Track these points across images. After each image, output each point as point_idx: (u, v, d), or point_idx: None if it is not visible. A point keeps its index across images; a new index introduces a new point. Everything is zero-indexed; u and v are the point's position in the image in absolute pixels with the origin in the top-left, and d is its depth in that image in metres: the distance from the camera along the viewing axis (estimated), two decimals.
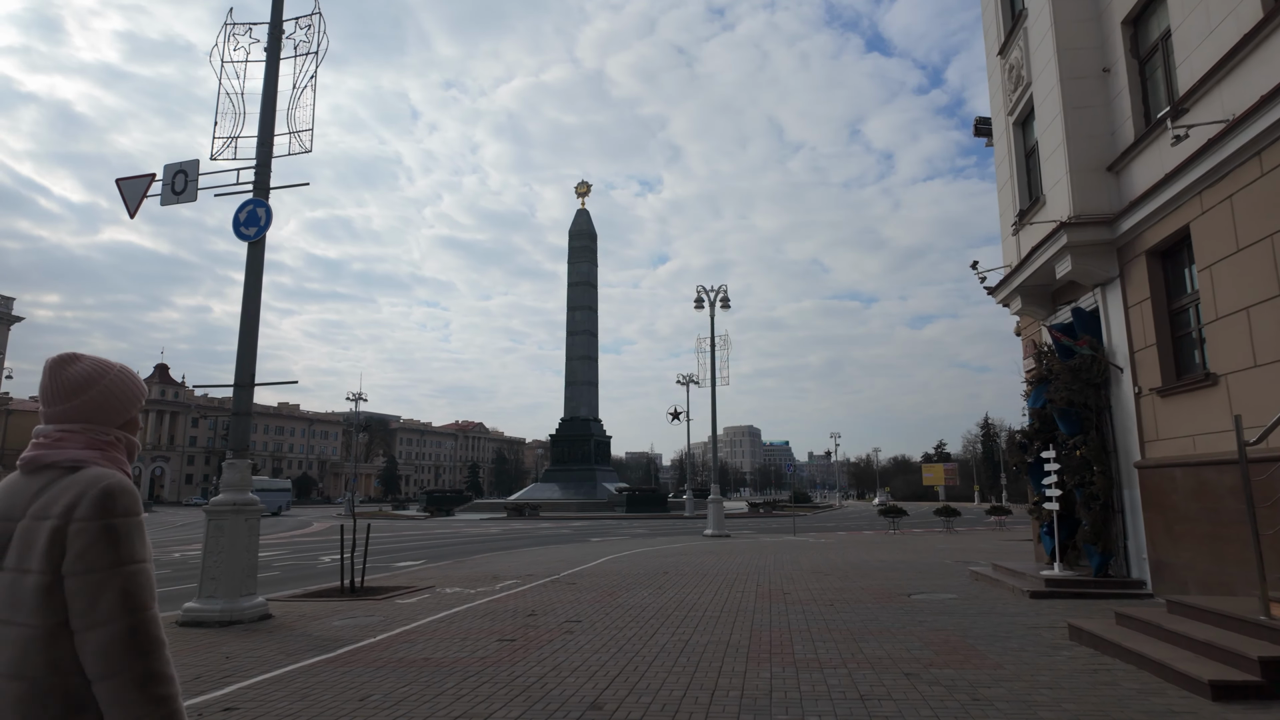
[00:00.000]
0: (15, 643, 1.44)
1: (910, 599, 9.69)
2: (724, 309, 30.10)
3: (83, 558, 1.44)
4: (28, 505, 1.52)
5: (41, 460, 1.56)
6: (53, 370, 1.62)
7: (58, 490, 1.51)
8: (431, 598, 10.88)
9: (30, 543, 1.47)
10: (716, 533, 26.92)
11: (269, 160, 10.02)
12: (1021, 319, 13.65)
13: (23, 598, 1.45)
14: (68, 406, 1.60)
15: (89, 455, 1.57)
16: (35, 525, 1.48)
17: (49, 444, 1.58)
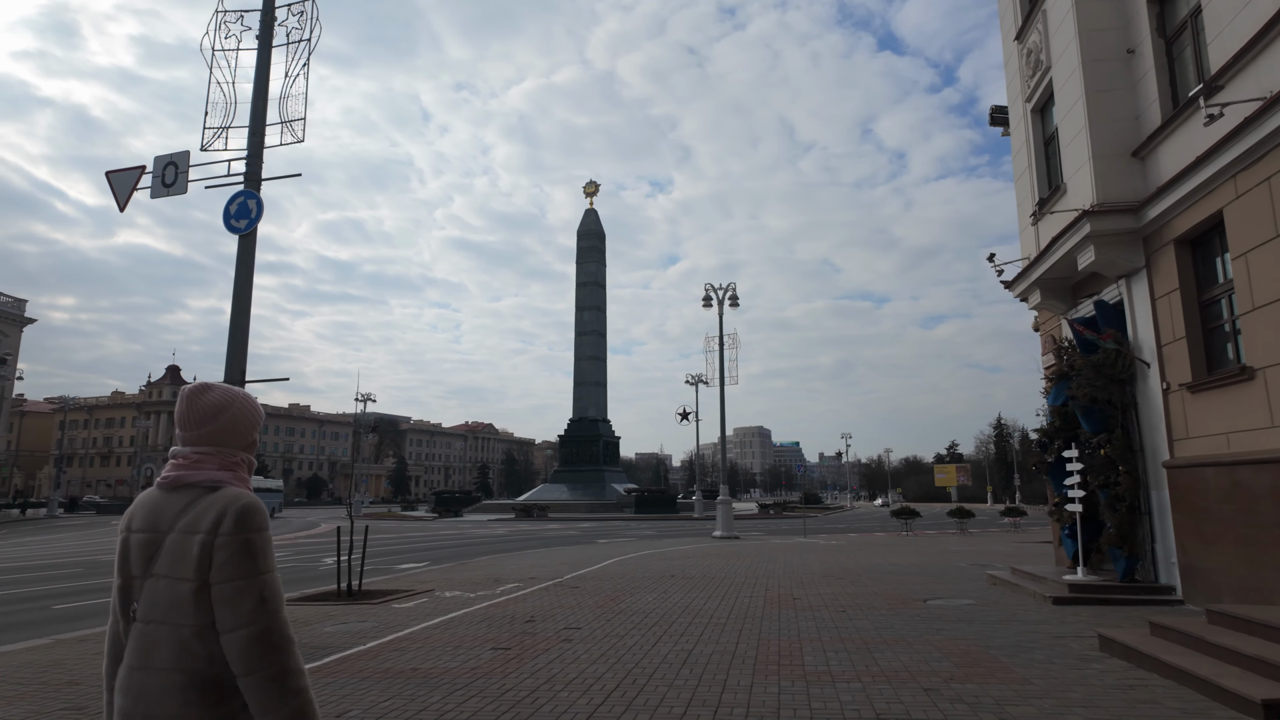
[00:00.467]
0: (173, 640, 1.66)
1: (926, 605, 9.27)
2: (732, 307, 29.70)
3: (226, 568, 1.66)
4: (175, 520, 1.72)
5: (183, 480, 1.78)
6: (189, 398, 1.83)
7: (202, 507, 1.72)
8: (429, 602, 10.54)
9: (182, 553, 1.68)
10: (725, 534, 26.49)
11: (260, 151, 9.72)
12: (1040, 314, 13.18)
13: (178, 601, 1.67)
14: (202, 431, 1.81)
15: (224, 476, 1.79)
16: (185, 539, 1.70)
17: (188, 465, 1.79)
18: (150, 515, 1.77)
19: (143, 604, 1.72)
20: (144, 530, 1.77)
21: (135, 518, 1.80)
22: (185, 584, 1.68)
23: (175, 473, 1.79)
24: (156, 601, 1.70)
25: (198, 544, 1.68)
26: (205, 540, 1.68)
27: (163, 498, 1.79)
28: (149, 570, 1.73)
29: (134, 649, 1.71)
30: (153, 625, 1.69)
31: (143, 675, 1.68)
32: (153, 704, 1.66)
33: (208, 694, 1.65)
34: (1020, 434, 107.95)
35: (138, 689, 1.68)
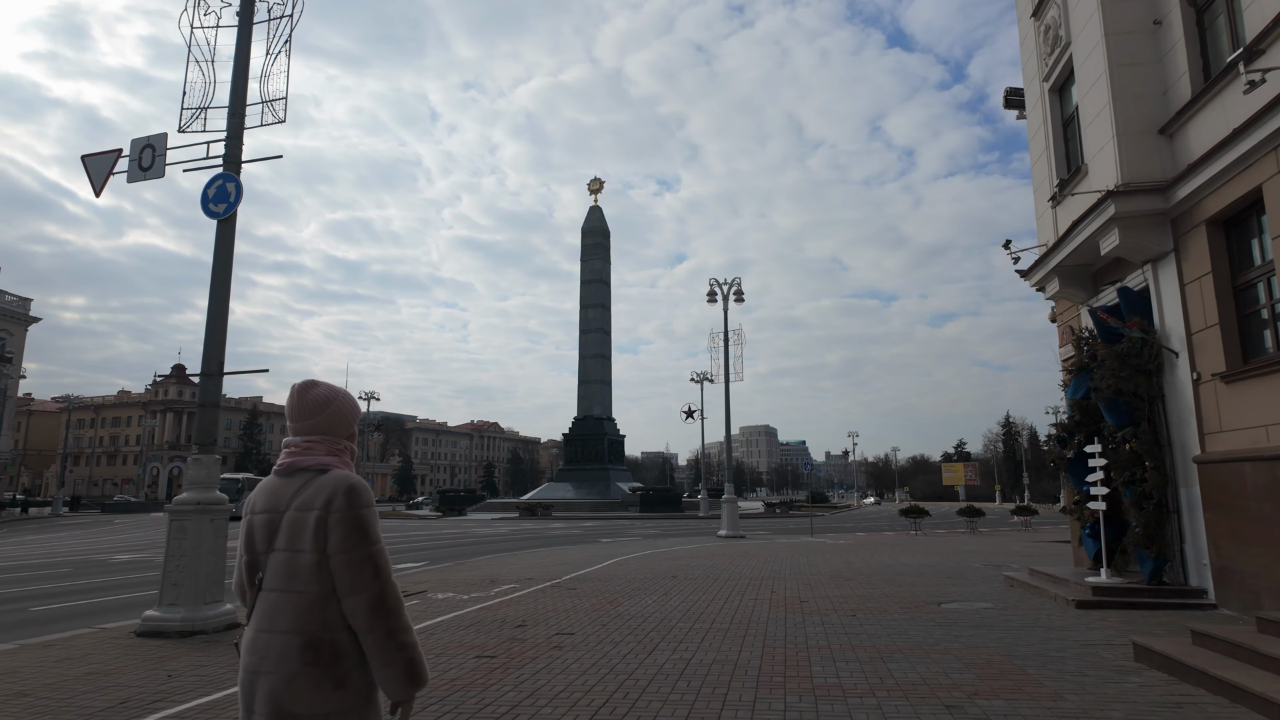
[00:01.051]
0: (294, 606, 1.88)
1: (941, 609, 8.76)
2: (737, 303, 29.18)
3: (344, 542, 1.89)
4: (291, 500, 1.95)
5: (296, 465, 2.00)
6: (299, 393, 2.07)
7: (314, 489, 1.94)
8: (419, 604, 10.09)
9: (300, 529, 1.91)
10: (731, 534, 25.99)
11: (240, 132, 9.29)
12: (1058, 304, 12.64)
13: (298, 572, 1.89)
14: (311, 422, 2.04)
15: (331, 460, 2.01)
16: (302, 516, 1.92)
17: (300, 452, 2.01)
18: (270, 498, 2.01)
19: (267, 575, 1.94)
20: (265, 511, 2.00)
21: (257, 501, 2.04)
22: (304, 555, 1.90)
23: (290, 459, 2.02)
24: (278, 572, 1.92)
25: (313, 520, 1.91)
26: (320, 517, 1.90)
27: (280, 482, 2.02)
28: (271, 546, 1.96)
29: (260, 614, 1.92)
30: (276, 593, 1.90)
31: (268, 637, 1.88)
32: (276, 662, 1.85)
33: (321, 654, 1.86)
34: (1029, 432, 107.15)
35: (264, 649, 1.88)
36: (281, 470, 2.04)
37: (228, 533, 8.68)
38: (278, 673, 1.85)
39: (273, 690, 1.85)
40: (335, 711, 1.86)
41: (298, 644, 1.86)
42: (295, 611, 1.88)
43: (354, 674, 1.89)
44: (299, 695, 1.85)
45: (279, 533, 1.95)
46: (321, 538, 1.89)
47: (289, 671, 1.85)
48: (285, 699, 1.84)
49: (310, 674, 1.85)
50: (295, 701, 1.84)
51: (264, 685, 1.87)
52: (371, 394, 63.48)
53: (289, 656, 1.85)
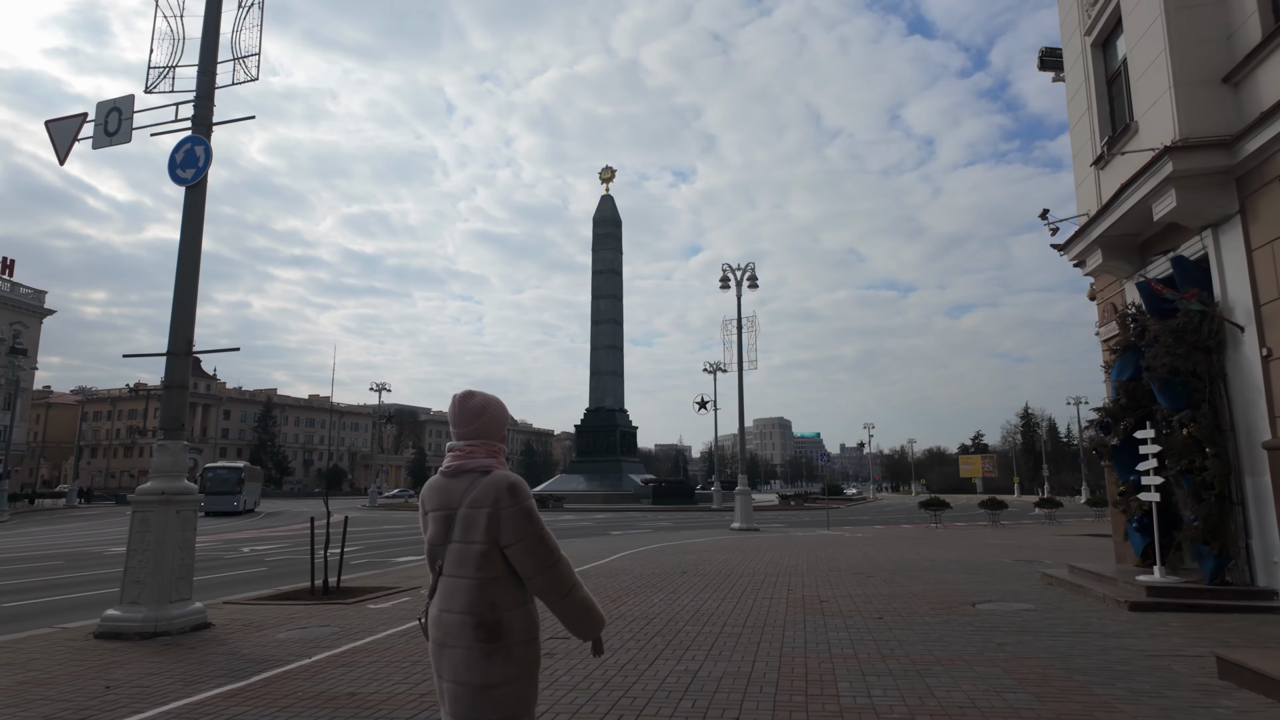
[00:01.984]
0: (467, 590, 2.22)
1: (976, 610, 7.94)
2: (751, 289, 28.30)
3: (516, 531, 2.22)
4: (462, 498, 2.30)
5: (463, 468, 2.35)
6: (460, 402, 2.44)
7: (482, 488, 2.27)
8: (408, 602, 9.40)
9: (472, 524, 2.25)
10: (744, 526, 25.21)
11: (211, 92, 8.57)
12: (1097, 279, 11.71)
13: (470, 560, 2.23)
14: (471, 428, 2.40)
15: (491, 463, 2.36)
16: (474, 513, 2.25)
17: (464, 455, 2.36)
18: (442, 496, 2.35)
19: (446, 563, 2.30)
20: (439, 509, 2.35)
21: (428, 500, 2.39)
22: (475, 546, 2.24)
23: (456, 462, 2.35)
24: (454, 561, 2.28)
25: (485, 516, 2.24)
26: (491, 513, 2.24)
27: (449, 482, 2.36)
28: (448, 538, 2.31)
29: (441, 595, 2.30)
30: (453, 579, 2.27)
31: (448, 616, 2.25)
32: (456, 637, 2.22)
33: (490, 631, 2.20)
34: (1048, 424, 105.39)
35: (446, 625, 2.25)
36: (449, 472, 2.35)
37: (196, 525, 8.01)
38: (458, 646, 2.19)
39: (454, 661, 2.20)
40: (503, 680, 2.18)
41: (471, 623, 2.18)
42: (468, 595, 2.20)
43: (518, 649, 2.21)
44: (474, 666, 2.17)
45: (454, 527, 2.27)
46: (494, 531, 2.21)
47: (466, 646, 2.18)
48: (463, 669, 2.18)
49: (482, 649, 2.17)
50: (471, 671, 2.17)
51: (448, 657, 2.22)
52: (383, 385, 63.13)
53: (465, 633, 2.18)
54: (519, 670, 2.22)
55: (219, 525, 32.32)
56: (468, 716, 2.19)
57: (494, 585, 2.21)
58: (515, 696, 2.21)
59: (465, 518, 2.25)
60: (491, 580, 2.21)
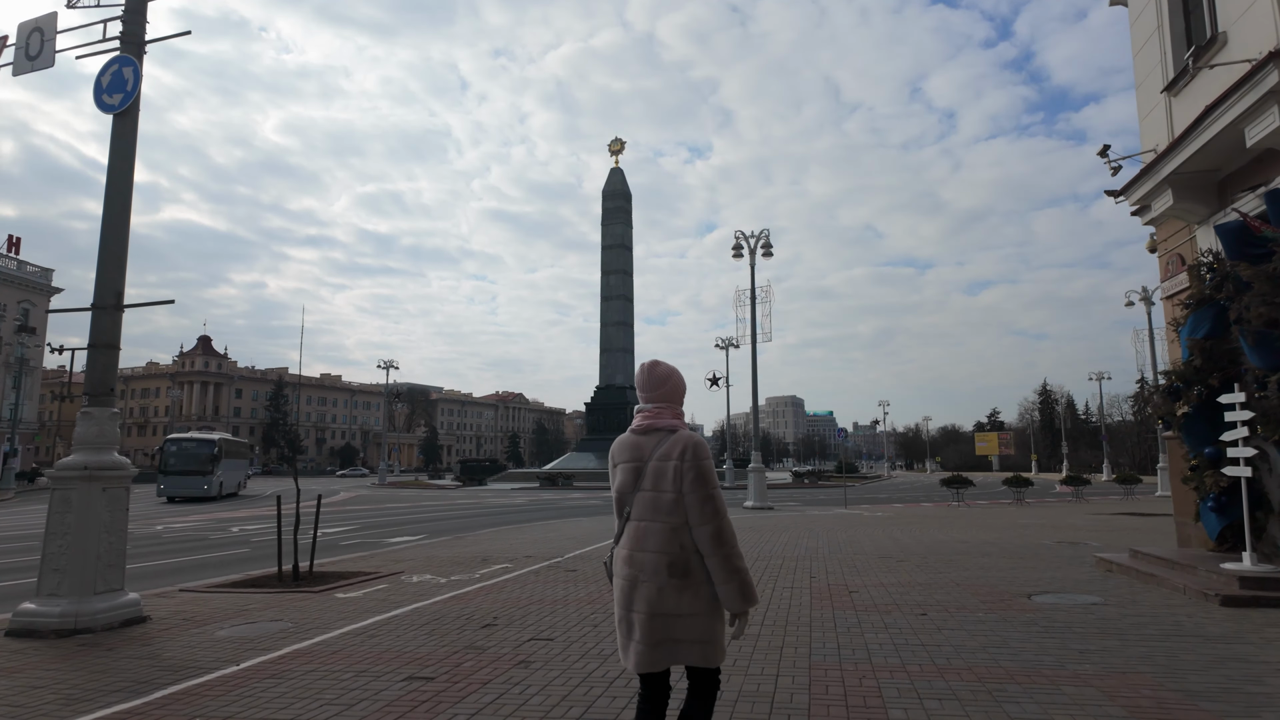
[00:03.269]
0: (659, 533, 2.52)
1: (1035, 603, 6.78)
2: (766, 258, 26.95)
3: (693, 485, 2.52)
4: (652, 452, 2.60)
5: (653, 426, 2.65)
6: (649, 370, 2.75)
7: (669, 445, 2.59)
8: (383, 590, 8.36)
9: (662, 475, 2.55)
10: (758, 505, 24.12)
11: (144, 4, 7.38)
12: (1160, 229, 10.38)
13: (661, 506, 2.54)
14: (658, 393, 2.71)
15: (677, 423, 2.68)
16: (663, 465, 2.56)
17: (654, 416, 2.67)
18: (632, 450, 2.65)
19: (634, 508, 2.60)
20: (629, 461, 2.65)
21: (619, 454, 2.70)
22: (665, 495, 2.53)
23: (647, 421, 2.67)
24: (645, 506, 2.57)
25: (672, 469, 2.54)
26: (677, 466, 2.54)
27: (640, 439, 2.66)
28: (637, 487, 2.60)
29: (630, 538, 2.59)
30: (644, 523, 2.56)
31: (641, 555, 2.54)
32: (650, 574, 2.50)
33: (677, 568, 2.49)
34: (1066, 400, 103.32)
35: (639, 564, 2.54)
36: (640, 430, 2.68)
37: (128, 504, 6.95)
38: (651, 582, 2.51)
39: (648, 595, 2.51)
40: (693, 612, 2.50)
41: (664, 562, 2.50)
42: (660, 537, 2.52)
43: (705, 586, 2.52)
44: (667, 598, 2.49)
45: (644, 477, 2.60)
46: (678, 481, 2.53)
47: (659, 582, 2.50)
48: (657, 601, 2.49)
49: (675, 583, 2.49)
50: (664, 603, 2.49)
51: (641, 591, 2.53)
52: (390, 363, 62.24)
53: (659, 570, 2.50)
54: (707, 604, 2.50)
55: (210, 505, 31.60)
56: (663, 640, 2.48)
57: (683, 529, 2.51)
58: (704, 625, 2.50)
59: (655, 470, 2.56)
60: (681, 525, 2.51)
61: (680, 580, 2.48)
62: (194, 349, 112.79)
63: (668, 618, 2.47)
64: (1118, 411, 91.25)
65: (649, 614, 2.48)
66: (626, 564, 2.56)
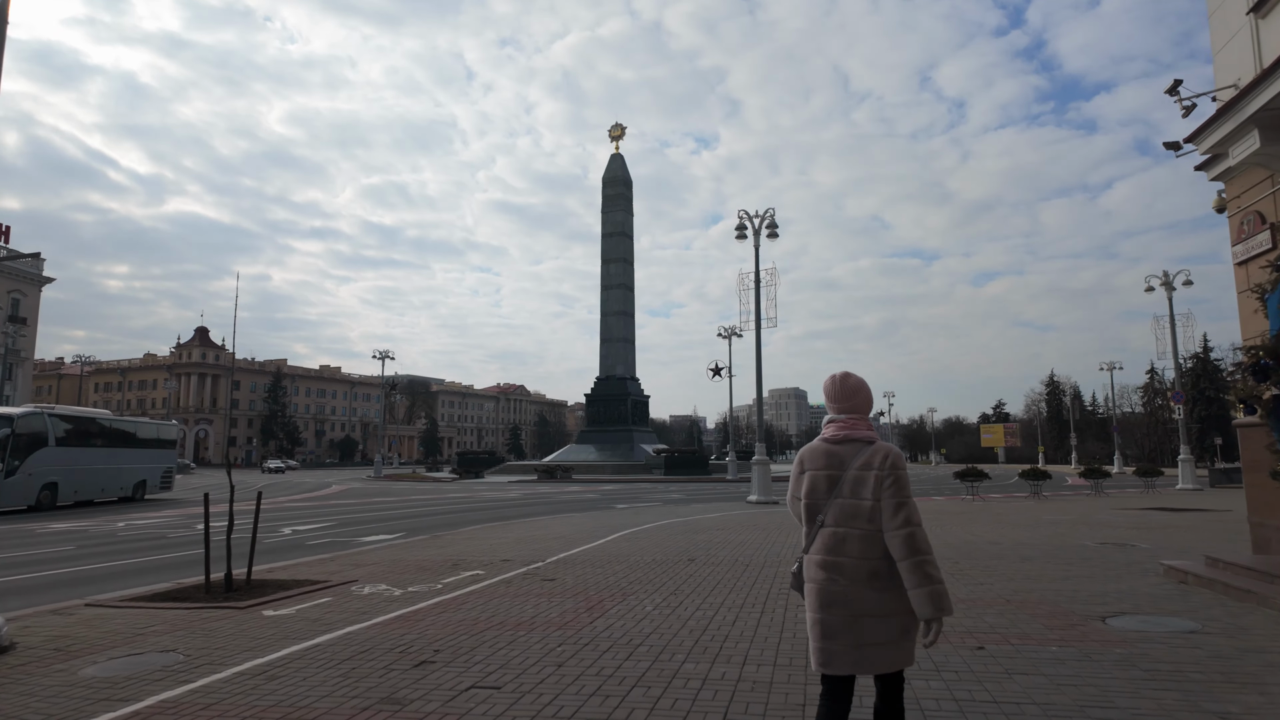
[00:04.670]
0: (858, 540, 2.60)
1: (1114, 630, 5.43)
2: (770, 239, 25.53)
3: (889, 493, 2.60)
4: (850, 462, 2.69)
5: (850, 437, 2.73)
6: (840, 381, 2.82)
7: (867, 455, 2.68)
8: (325, 604, 7.05)
9: (862, 484, 2.63)
10: (762, 499, 22.80)
11: None
12: (1232, 184, 8.95)
13: (859, 514, 2.62)
14: (851, 404, 2.79)
15: (871, 435, 2.75)
16: (864, 474, 2.64)
17: (850, 426, 2.75)
18: (827, 459, 2.73)
19: (830, 515, 2.67)
20: (824, 469, 2.72)
21: (812, 461, 2.78)
22: (866, 502, 2.61)
23: (842, 432, 2.74)
24: (843, 514, 2.64)
25: (873, 477, 2.62)
26: (878, 475, 2.62)
27: (834, 448, 2.74)
28: (833, 494, 2.68)
29: (826, 544, 2.66)
30: (842, 529, 2.63)
31: (838, 560, 2.61)
32: (846, 578, 2.58)
33: (879, 576, 2.57)
34: (1073, 391, 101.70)
35: (836, 568, 2.61)
36: (836, 440, 2.75)
37: None
38: (851, 585, 2.57)
39: (847, 598, 2.57)
40: (892, 612, 2.56)
41: (865, 568, 2.57)
42: (860, 543, 2.59)
43: (900, 591, 2.55)
44: (866, 602, 2.56)
45: (842, 485, 2.66)
46: (878, 490, 2.60)
47: (859, 587, 2.56)
48: (857, 603, 2.56)
49: (875, 585, 2.56)
50: (864, 604, 2.56)
51: (840, 595, 2.58)
52: (385, 353, 60.96)
53: (858, 575, 2.57)
54: (904, 605, 2.56)
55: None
56: (865, 642, 2.57)
57: (881, 535, 2.60)
58: (898, 629, 2.58)
59: (855, 479, 2.65)
60: (879, 531, 2.59)
61: (880, 582, 2.58)
62: (191, 340, 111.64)
63: (866, 620, 2.57)
64: (1126, 403, 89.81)
65: (848, 617, 2.58)
66: (822, 569, 2.65)
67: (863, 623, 2.54)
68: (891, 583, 2.56)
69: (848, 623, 2.55)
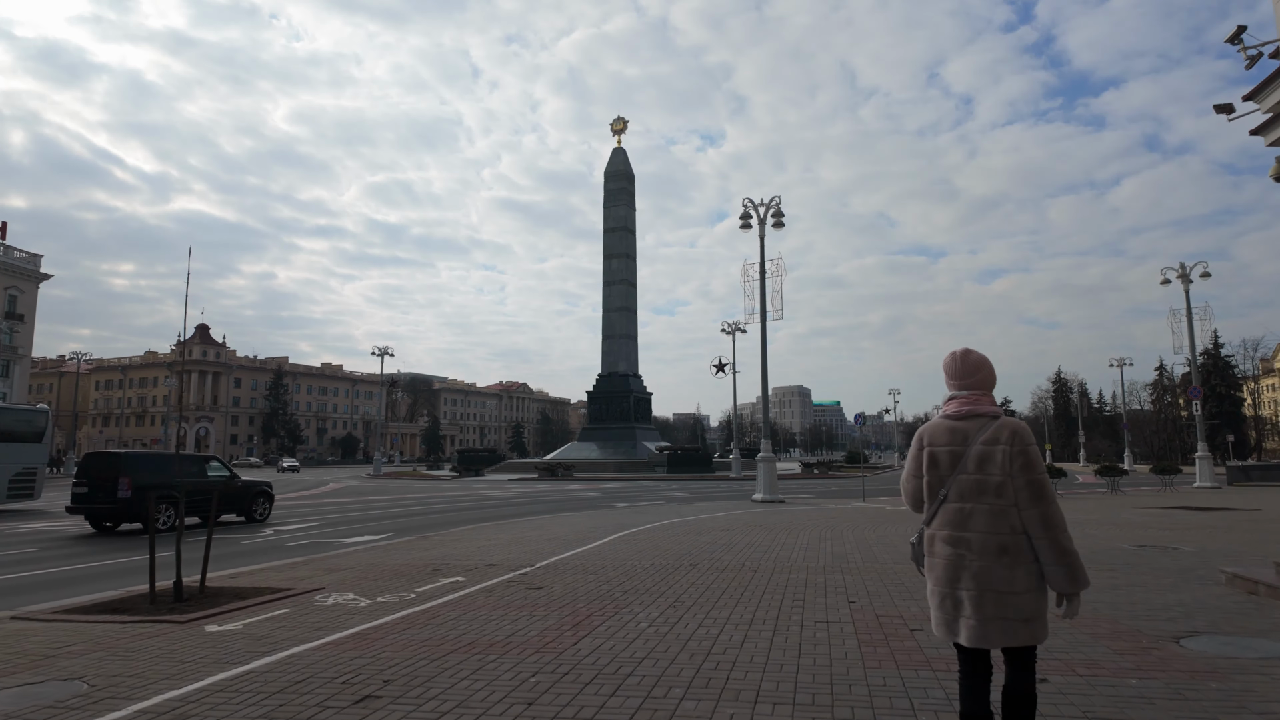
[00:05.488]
0: (985, 514, 2.61)
1: (1195, 653, 4.57)
2: (776, 228, 24.64)
3: (1022, 469, 2.60)
4: (975, 437, 2.69)
5: (974, 412, 2.74)
6: (961, 357, 2.83)
7: (994, 429, 2.68)
8: (279, 618, 6.23)
9: (988, 459, 2.64)
10: (768, 498, 21.94)
11: None
12: None
13: (987, 489, 2.63)
14: (973, 380, 2.79)
15: (996, 410, 2.75)
16: (990, 449, 2.65)
17: (971, 402, 2.76)
18: (951, 435, 2.74)
19: (955, 491, 2.68)
20: (947, 445, 2.73)
21: (936, 438, 2.78)
22: (993, 478, 2.62)
23: (966, 408, 2.75)
24: (968, 489, 2.66)
25: (1000, 453, 2.63)
26: (1005, 450, 2.62)
27: (958, 424, 2.75)
28: (957, 470, 2.69)
29: (950, 519, 2.68)
30: (968, 505, 2.65)
31: (965, 535, 2.63)
32: (977, 553, 2.60)
33: (1008, 551, 2.58)
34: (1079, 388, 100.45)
35: (964, 544, 2.63)
36: (959, 416, 2.75)
37: None
38: (979, 560, 2.59)
39: (976, 572, 2.59)
40: (1022, 589, 2.56)
41: (994, 542, 2.58)
42: (986, 518, 2.61)
43: (1032, 565, 2.58)
44: (996, 575, 2.57)
45: (966, 461, 2.67)
46: (1007, 465, 2.61)
47: (987, 561, 2.58)
48: (986, 578, 2.58)
49: (1004, 560, 2.57)
50: (993, 580, 2.57)
51: (969, 569, 2.61)
52: (385, 349, 60.17)
53: (986, 549, 2.59)
54: (1035, 581, 2.59)
55: None
56: (993, 617, 2.57)
57: (1009, 511, 2.61)
58: (1031, 603, 2.58)
59: (981, 454, 2.65)
60: (1008, 506, 2.61)
61: (1009, 557, 2.58)
62: (192, 338, 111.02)
63: (998, 595, 2.57)
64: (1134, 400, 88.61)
65: (979, 591, 2.58)
66: (948, 544, 2.67)
67: (989, 596, 2.57)
68: (1020, 557, 2.58)
69: (973, 596, 2.59)
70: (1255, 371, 79.19)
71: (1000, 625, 2.54)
